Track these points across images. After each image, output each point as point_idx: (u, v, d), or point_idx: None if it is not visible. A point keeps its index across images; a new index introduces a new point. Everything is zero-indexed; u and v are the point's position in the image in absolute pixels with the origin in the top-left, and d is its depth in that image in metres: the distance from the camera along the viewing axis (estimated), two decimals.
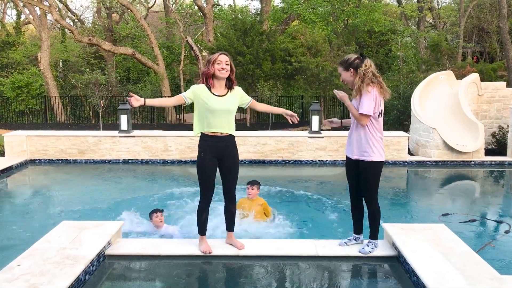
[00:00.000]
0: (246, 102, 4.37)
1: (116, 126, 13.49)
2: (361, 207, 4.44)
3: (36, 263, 3.73)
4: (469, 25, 26.28)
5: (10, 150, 10.19)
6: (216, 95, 4.14)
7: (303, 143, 10.35)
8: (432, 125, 10.45)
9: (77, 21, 28.66)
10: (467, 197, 8.21)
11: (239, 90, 4.32)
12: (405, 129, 12.81)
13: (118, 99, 18.01)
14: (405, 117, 13.58)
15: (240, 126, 4.47)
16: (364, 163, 4.13)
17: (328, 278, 4.07)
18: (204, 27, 21.50)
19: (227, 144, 4.23)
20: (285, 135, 10.71)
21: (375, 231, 4.31)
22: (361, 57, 4.08)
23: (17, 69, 22.23)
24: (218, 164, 4.25)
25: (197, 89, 4.17)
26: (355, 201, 4.43)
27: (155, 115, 19.01)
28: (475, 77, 12.05)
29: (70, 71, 22.88)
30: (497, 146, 11.75)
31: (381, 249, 4.39)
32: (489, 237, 5.75)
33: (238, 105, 4.31)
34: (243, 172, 4.44)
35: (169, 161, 10.35)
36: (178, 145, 10.35)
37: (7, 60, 22.85)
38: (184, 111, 19.33)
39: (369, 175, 4.14)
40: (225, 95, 4.18)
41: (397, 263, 4.22)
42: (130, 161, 10.31)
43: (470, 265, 3.77)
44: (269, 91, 16.07)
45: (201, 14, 21.19)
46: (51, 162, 10.25)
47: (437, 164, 10.28)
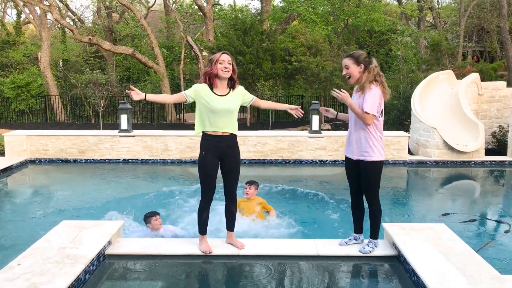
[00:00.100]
0: (249, 100, 4.36)
1: (116, 126, 13.49)
2: (361, 206, 4.44)
3: (36, 262, 3.73)
4: (469, 24, 26.27)
5: (10, 149, 10.20)
6: (218, 95, 4.13)
7: (303, 142, 10.35)
8: (432, 125, 10.44)
9: (77, 20, 28.66)
10: (467, 196, 8.20)
11: (241, 89, 4.31)
12: (405, 128, 12.81)
13: (118, 99, 18.00)
14: (405, 117, 13.57)
15: (240, 126, 4.47)
16: (365, 163, 4.14)
17: (329, 278, 4.06)
18: (204, 27, 21.49)
19: (228, 143, 4.22)
20: (285, 134, 10.71)
21: (376, 231, 4.32)
22: (369, 56, 4.13)
23: (17, 68, 22.21)
24: (219, 164, 4.25)
25: (199, 88, 4.16)
26: (356, 200, 4.43)
27: (155, 115, 19.00)
28: (475, 76, 12.04)
29: (70, 70, 22.85)
30: (497, 146, 11.76)
31: (382, 249, 4.39)
32: (489, 236, 5.74)
33: (241, 104, 4.30)
34: (243, 171, 4.44)
35: (169, 160, 10.35)
36: (178, 144, 10.35)
37: (7, 60, 22.84)
38: (184, 111, 19.32)
39: (370, 174, 4.15)
40: (227, 94, 4.17)
41: (397, 262, 4.22)
42: (130, 160, 10.31)
43: (470, 265, 3.77)
44: (269, 90, 16.06)
45: (201, 13, 21.17)
46: (51, 162, 10.25)
47: (437, 163, 10.28)
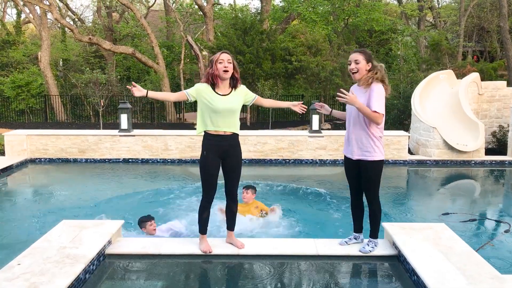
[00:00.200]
0: (251, 99, 4.35)
1: (116, 125, 13.49)
2: (361, 206, 4.44)
3: (36, 262, 3.73)
4: (470, 24, 26.26)
5: (10, 149, 10.20)
6: (220, 95, 4.13)
7: (303, 142, 10.35)
8: (433, 124, 10.44)
9: (77, 20, 28.66)
10: (467, 196, 8.20)
11: (243, 88, 4.30)
12: (406, 128, 12.80)
13: (118, 98, 17.99)
14: (405, 116, 13.57)
15: (240, 125, 4.45)
16: (366, 162, 4.13)
17: (329, 278, 4.06)
18: (204, 26, 21.48)
19: (230, 143, 4.21)
20: (285, 134, 10.70)
21: (376, 230, 4.32)
22: None
23: (17, 68, 22.21)
24: (221, 163, 4.24)
25: (200, 88, 4.16)
26: (355, 200, 4.43)
27: (155, 114, 19.00)
28: (475, 76, 12.04)
29: (70, 70, 22.84)
30: (497, 146, 11.75)
31: (382, 248, 4.39)
32: (489, 236, 5.74)
33: (243, 103, 4.29)
34: (243, 171, 4.43)
35: (169, 160, 10.35)
36: (178, 144, 10.35)
37: (7, 59, 22.83)
38: (184, 110, 19.32)
39: (371, 174, 4.14)
40: (229, 94, 4.16)
41: (397, 262, 4.22)
42: (130, 160, 10.31)
43: (470, 265, 3.77)
44: (269, 90, 16.06)
45: (201, 13, 21.16)
46: (51, 161, 10.25)
47: (437, 163, 10.28)
